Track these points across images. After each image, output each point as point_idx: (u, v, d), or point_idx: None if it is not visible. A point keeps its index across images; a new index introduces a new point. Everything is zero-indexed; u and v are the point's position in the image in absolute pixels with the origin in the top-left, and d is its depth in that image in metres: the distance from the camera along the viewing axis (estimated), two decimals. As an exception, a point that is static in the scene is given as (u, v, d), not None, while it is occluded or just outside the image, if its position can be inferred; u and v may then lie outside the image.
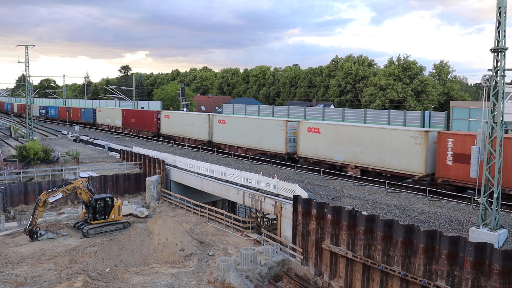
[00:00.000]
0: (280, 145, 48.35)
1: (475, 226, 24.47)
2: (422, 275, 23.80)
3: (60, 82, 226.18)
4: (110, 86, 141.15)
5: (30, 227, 35.20)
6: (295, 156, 46.72)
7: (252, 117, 61.80)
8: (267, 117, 67.41)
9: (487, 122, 24.37)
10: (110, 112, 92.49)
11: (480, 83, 25.28)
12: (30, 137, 69.69)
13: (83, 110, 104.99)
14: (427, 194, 33.16)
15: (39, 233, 35.66)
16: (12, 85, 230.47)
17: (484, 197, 24.14)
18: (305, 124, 45.73)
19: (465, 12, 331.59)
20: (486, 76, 24.21)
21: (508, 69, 23.45)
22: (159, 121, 72.70)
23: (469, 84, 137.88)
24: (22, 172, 47.04)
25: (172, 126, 69.15)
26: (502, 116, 23.95)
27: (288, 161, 47.46)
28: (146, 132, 76.53)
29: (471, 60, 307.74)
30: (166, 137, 70.61)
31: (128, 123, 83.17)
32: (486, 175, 24.25)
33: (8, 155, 53.57)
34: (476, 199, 28.43)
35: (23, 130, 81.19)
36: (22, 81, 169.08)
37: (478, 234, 23.65)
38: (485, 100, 25.20)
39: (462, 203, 31.27)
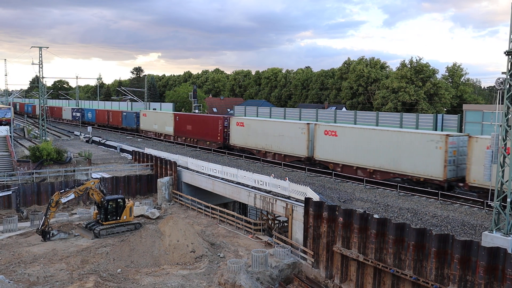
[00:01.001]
0: (437, 169, 34.86)
1: (488, 231, 24.23)
2: (434, 279, 23.62)
3: (73, 84, 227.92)
4: (123, 88, 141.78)
5: (42, 227, 35.44)
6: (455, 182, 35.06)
7: (386, 129, 41.69)
8: (411, 130, 49.08)
9: (500, 125, 24.15)
10: (157, 116, 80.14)
11: (494, 86, 25.07)
12: (43, 138, 70.20)
13: (124, 113, 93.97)
14: (439, 198, 32.94)
15: (51, 233, 35.89)
16: (26, 86, 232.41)
17: (498, 201, 23.91)
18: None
19: (479, 14, 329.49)
20: (500, 79, 24.00)
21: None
22: (226, 130, 60.23)
23: (482, 87, 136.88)
24: (35, 172, 47.42)
25: (249, 137, 55.41)
26: (516, 120, 23.70)
27: (448, 190, 34.90)
28: (208, 142, 63.83)
29: (484, 63, 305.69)
30: (238, 149, 57.69)
31: (182, 131, 71.14)
32: (499, 179, 24.03)
33: (21, 156, 54.03)
34: (489, 203, 28.20)
35: (37, 131, 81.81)
36: (35, 83, 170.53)
37: (491, 239, 23.42)
38: (498, 104, 24.95)
39: (475, 207, 31.02)
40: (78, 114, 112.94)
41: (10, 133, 63.44)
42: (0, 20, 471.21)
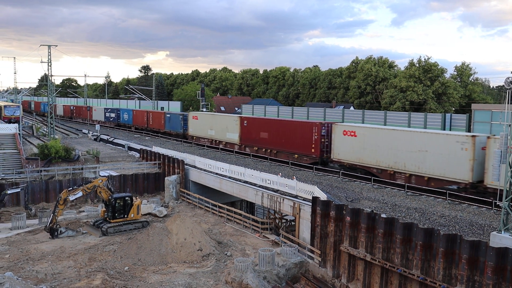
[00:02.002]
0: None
1: (496, 231, 24.11)
2: (441, 279, 23.52)
3: (81, 82, 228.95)
4: (131, 86, 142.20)
5: (50, 225, 35.62)
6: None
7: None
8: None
9: (509, 125, 24.01)
10: (215, 120, 65.38)
11: (503, 85, 24.92)
12: (52, 135, 70.52)
13: (168, 115, 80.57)
14: (447, 198, 32.80)
15: (59, 231, 36.07)
16: (34, 84, 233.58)
17: (506, 201, 23.78)
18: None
19: (488, 13, 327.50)
20: (510, 79, 23.87)
21: (532, 72, 23.03)
22: (325, 140, 46.43)
23: (491, 87, 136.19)
24: (44, 170, 47.68)
25: (364, 150, 41.79)
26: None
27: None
28: (296, 155, 49.28)
29: (493, 62, 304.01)
30: (348, 166, 43.63)
31: (253, 139, 56.44)
32: (508, 179, 23.89)
33: (30, 153, 54.34)
34: (497, 203, 28.05)
35: (45, 129, 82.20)
36: (44, 81, 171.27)
37: (500, 239, 23.29)
38: (508, 103, 24.81)
39: (483, 207, 30.86)
40: (113, 115, 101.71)
41: (19, 130, 63.70)
42: (10, 19, 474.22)
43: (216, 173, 44.54)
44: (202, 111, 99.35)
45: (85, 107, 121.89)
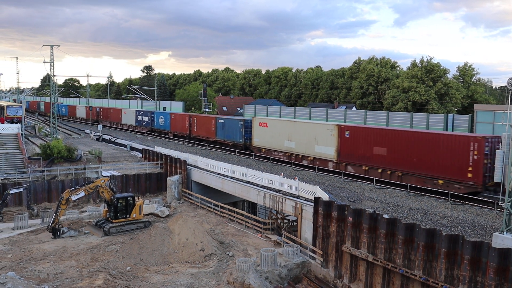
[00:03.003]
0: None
1: (498, 232, 24.06)
2: (443, 280, 23.49)
3: (83, 82, 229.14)
4: (133, 86, 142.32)
5: (53, 225, 35.66)
6: None
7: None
8: None
9: (512, 125, 23.96)
10: (296, 129, 49.81)
11: (506, 86, 24.90)
12: (54, 135, 70.62)
13: (221, 121, 64.32)
14: (450, 198, 32.75)
15: (61, 231, 36.11)
16: (37, 84, 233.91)
17: (509, 202, 23.74)
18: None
19: (491, 14, 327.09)
20: (512, 79, 23.82)
21: (535, 72, 22.99)
22: (488, 160, 32.22)
23: (493, 87, 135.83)
24: (46, 170, 47.74)
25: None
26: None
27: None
28: (440, 181, 35.24)
29: (496, 63, 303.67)
30: None
31: (362, 156, 41.88)
32: (511, 179, 23.85)
33: (32, 153, 54.41)
34: (500, 204, 28.00)
35: (47, 129, 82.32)
36: (47, 81, 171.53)
37: (502, 240, 23.25)
38: (510, 104, 24.78)
39: (485, 207, 30.81)
40: (146, 119, 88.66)
41: (21, 130, 63.80)
42: (13, 19, 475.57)
43: (218, 173, 44.55)
44: (205, 111, 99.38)
45: (115, 109, 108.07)
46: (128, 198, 38.48)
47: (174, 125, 78.49)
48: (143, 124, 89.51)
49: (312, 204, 31.62)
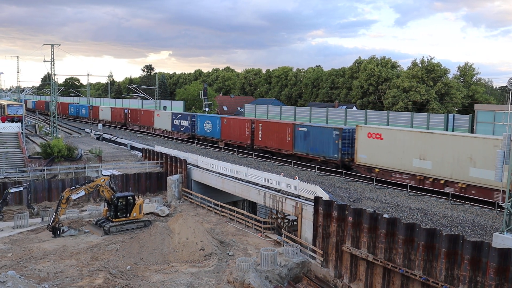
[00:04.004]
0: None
1: (499, 232, 24.05)
2: (443, 280, 23.49)
3: (84, 81, 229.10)
4: (133, 85, 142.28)
5: (53, 224, 35.67)
6: None
7: None
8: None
9: (513, 125, 23.88)
10: (434, 142, 35.96)
11: (506, 86, 24.88)
12: (54, 134, 70.62)
13: (302, 129, 48.93)
14: (450, 198, 32.73)
15: (61, 230, 36.13)
16: (37, 83, 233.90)
17: (509, 202, 23.73)
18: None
19: (491, 14, 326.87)
20: (513, 79, 23.79)
21: (536, 72, 22.95)
22: None
23: (494, 87, 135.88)
24: (46, 169, 47.73)
25: None
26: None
27: None
28: None
29: (496, 63, 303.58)
30: None
31: None
32: (511, 180, 23.84)
33: (32, 152, 54.43)
34: (500, 204, 27.98)
35: (48, 128, 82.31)
36: (47, 80, 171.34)
37: (502, 240, 23.23)
38: (510, 104, 24.76)
39: (486, 207, 30.80)
40: (185, 123, 73.80)
41: (22, 129, 63.80)
42: (14, 18, 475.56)
43: (219, 173, 44.56)
44: (205, 111, 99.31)
45: (146, 111, 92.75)
46: (128, 197, 38.49)
47: (227, 132, 62.68)
48: (182, 129, 74.62)
49: (313, 203, 31.62)
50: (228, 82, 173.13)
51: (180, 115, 76.60)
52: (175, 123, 77.07)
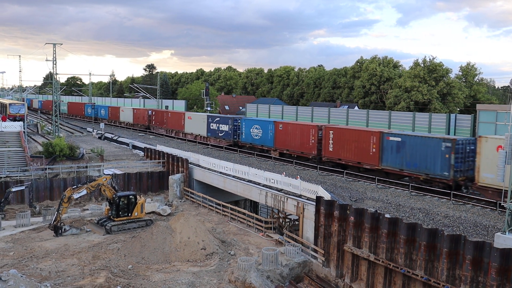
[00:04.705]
0: None
1: (500, 232, 24.02)
2: (445, 280, 23.48)
3: (86, 80, 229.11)
4: (135, 85, 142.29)
5: (55, 223, 35.71)
6: None
7: None
8: None
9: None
10: None
11: (508, 86, 24.85)
12: (56, 134, 70.67)
13: (395, 139, 39.05)
14: (452, 198, 32.69)
15: (63, 229, 36.18)
16: (39, 82, 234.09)
17: (511, 202, 23.69)
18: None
19: (494, 14, 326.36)
20: (515, 79, 23.71)
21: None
22: None
23: (496, 87, 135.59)
24: (48, 168, 47.79)
25: None
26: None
27: None
28: None
29: (498, 63, 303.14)
30: None
31: None
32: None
33: (34, 151, 54.48)
34: (502, 204, 27.95)
35: (50, 127, 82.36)
36: (49, 79, 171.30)
37: (504, 240, 23.20)
38: (513, 104, 24.71)
39: (487, 207, 30.76)
40: (225, 128, 63.13)
41: (24, 128, 63.88)
42: (16, 17, 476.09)
43: (220, 172, 44.57)
44: (207, 110, 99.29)
45: (175, 113, 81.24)
46: (130, 196, 38.52)
47: (284, 139, 52.06)
48: (220, 135, 64.01)
49: (314, 203, 31.62)
50: (230, 82, 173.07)
51: (218, 118, 65.64)
52: (211, 128, 66.23)
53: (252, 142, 57.26)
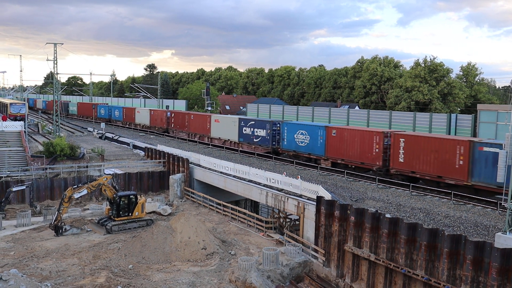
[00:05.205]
0: None
1: (501, 232, 24.00)
2: (445, 280, 23.46)
3: (87, 80, 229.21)
4: (136, 84, 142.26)
5: (55, 222, 35.72)
6: None
7: None
8: None
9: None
10: None
11: (509, 85, 24.84)
12: (57, 133, 70.68)
13: (489, 149, 32.17)
14: (452, 198, 32.68)
15: (64, 228, 36.19)
16: (40, 82, 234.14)
17: (511, 202, 23.67)
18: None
19: (494, 13, 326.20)
20: (516, 79, 23.70)
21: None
22: None
23: (497, 87, 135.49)
24: (49, 168, 47.82)
25: None
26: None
27: None
28: None
29: (499, 63, 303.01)
30: None
31: None
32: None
33: (35, 151, 54.49)
34: (503, 204, 27.94)
35: (50, 127, 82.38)
36: (50, 79, 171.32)
37: (505, 240, 23.18)
38: (514, 104, 24.69)
39: (488, 207, 30.74)
40: (261, 133, 56.30)
41: (25, 128, 63.89)
42: (17, 17, 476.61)
43: (221, 172, 44.56)
44: (207, 110, 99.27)
45: (199, 115, 73.14)
46: (131, 196, 38.52)
47: (338, 147, 44.88)
48: (256, 140, 57.22)
49: (315, 203, 31.61)
50: (231, 82, 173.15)
51: (253, 122, 58.58)
52: (244, 132, 59.38)
53: (296, 149, 50.24)
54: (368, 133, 42.16)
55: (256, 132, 56.95)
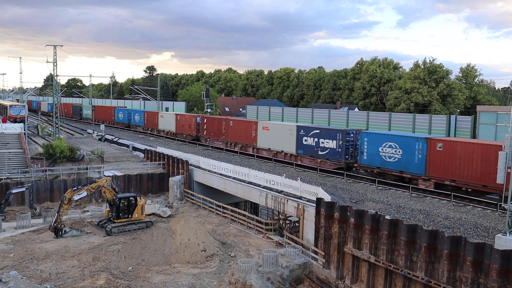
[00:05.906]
0: None
1: (501, 233, 24.00)
2: (445, 281, 23.45)
3: (86, 82, 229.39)
4: (136, 86, 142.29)
5: (55, 224, 35.69)
6: None
7: None
8: None
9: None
10: None
11: (508, 87, 24.87)
12: (57, 135, 70.65)
13: None
14: (452, 199, 32.69)
15: (63, 230, 36.15)
16: (40, 84, 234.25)
17: (511, 203, 23.67)
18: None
19: (494, 15, 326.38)
20: (515, 81, 23.73)
21: (538, 74, 22.90)
22: None
23: (496, 88, 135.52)
24: (48, 170, 47.78)
25: None
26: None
27: None
28: None
29: (499, 64, 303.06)
30: None
31: None
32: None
33: (35, 153, 54.46)
34: (502, 205, 27.93)
35: (50, 129, 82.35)
36: (50, 81, 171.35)
37: (505, 242, 23.19)
38: (513, 105, 24.72)
39: (488, 209, 30.77)
40: (330, 144, 46.34)
41: (24, 130, 63.88)
42: (17, 19, 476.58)
43: (220, 174, 44.55)
44: (207, 112, 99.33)
45: (239, 121, 63.55)
46: (130, 198, 38.51)
47: (444, 164, 35.85)
48: (321, 153, 47.30)
49: (314, 205, 31.60)
50: (230, 83, 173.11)
51: (317, 131, 48.26)
52: (304, 143, 49.56)
53: (381, 165, 40.66)
54: (491, 147, 32.56)
55: (323, 143, 47.29)
